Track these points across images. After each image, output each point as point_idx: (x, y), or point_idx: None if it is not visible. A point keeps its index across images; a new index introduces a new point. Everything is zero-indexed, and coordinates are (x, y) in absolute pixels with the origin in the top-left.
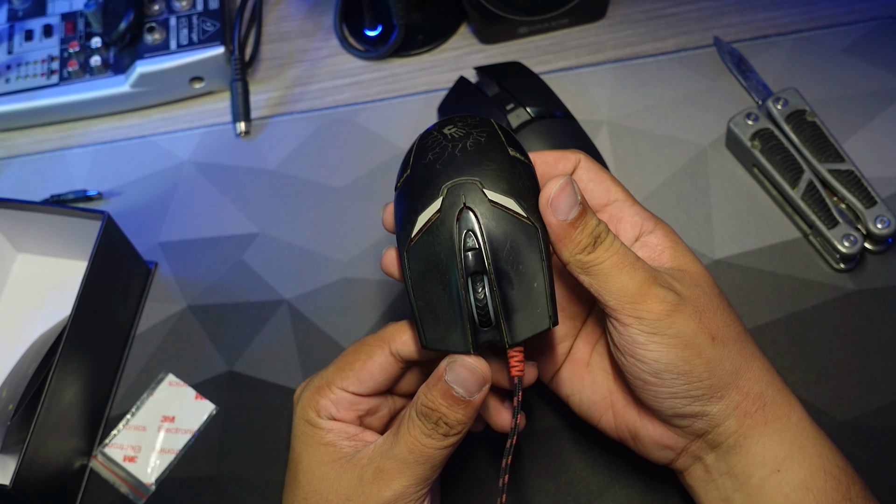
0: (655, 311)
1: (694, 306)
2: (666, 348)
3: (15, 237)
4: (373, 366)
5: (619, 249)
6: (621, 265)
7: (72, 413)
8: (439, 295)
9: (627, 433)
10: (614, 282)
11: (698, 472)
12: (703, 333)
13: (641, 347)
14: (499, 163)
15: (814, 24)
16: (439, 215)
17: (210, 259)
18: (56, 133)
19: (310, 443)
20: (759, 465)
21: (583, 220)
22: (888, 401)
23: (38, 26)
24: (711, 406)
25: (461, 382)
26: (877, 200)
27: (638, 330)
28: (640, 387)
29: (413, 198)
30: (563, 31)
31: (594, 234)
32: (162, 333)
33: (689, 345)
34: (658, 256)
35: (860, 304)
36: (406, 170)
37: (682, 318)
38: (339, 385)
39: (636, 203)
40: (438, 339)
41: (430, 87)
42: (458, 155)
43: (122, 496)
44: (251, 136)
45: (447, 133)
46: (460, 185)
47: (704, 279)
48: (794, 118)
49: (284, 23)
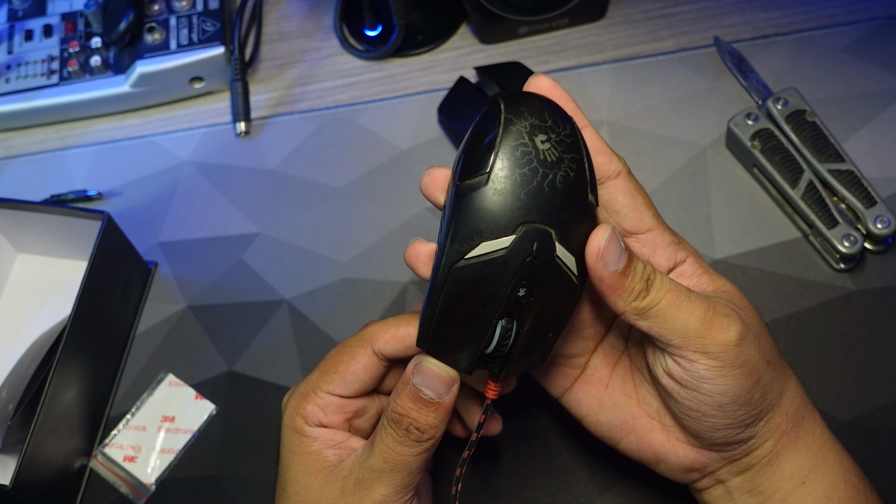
0: (724, 342)
1: (754, 331)
2: (732, 381)
3: (15, 237)
4: (357, 366)
5: (671, 287)
6: (678, 302)
7: (72, 413)
8: (465, 318)
9: (651, 457)
10: (675, 320)
11: (718, 491)
12: (763, 359)
13: (709, 382)
14: (577, 213)
15: (814, 24)
16: (504, 252)
17: (210, 259)
18: (56, 133)
19: (296, 452)
20: (785, 480)
21: (632, 267)
22: (888, 401)
23: (38, 26)
24: (757, 429)
25: (428, 384)
26: (877, 200)
27: (705, 365)
28: (696, 418)
29: (483, 216)
30: (563, 31)
31: (644, 277)
32: (162, 333)
33: (752, 372)
34: (697, 284)
35: (860, 304)
36: (483, 169)
37: (747, 345)
38: (325, 389)
39: (666, 229)
40: (441, 351)
41: (430, 87)
42: (546, 190)
43: (122, 496)
44: (251, 136)
45: (540, 149)
46: (536, 230)
47: (745, 299)
48: (794, 118)
49: (284, 23)
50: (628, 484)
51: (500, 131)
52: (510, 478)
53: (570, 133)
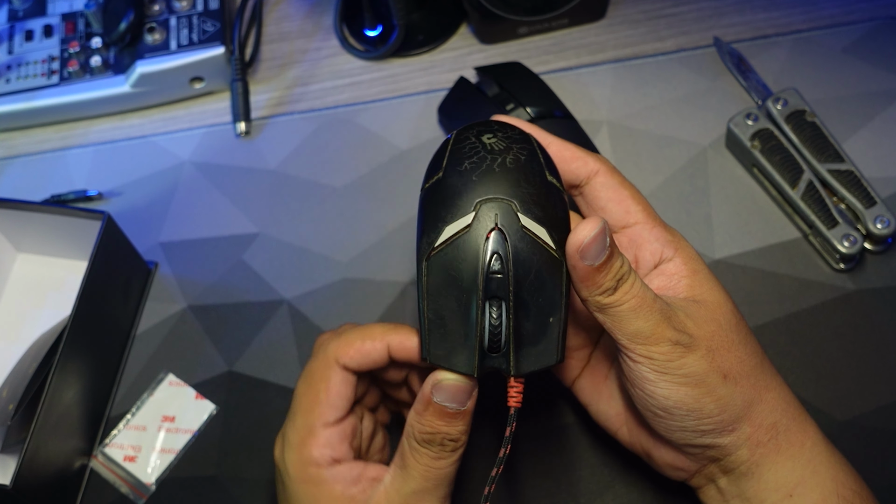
0: (666, 353)
1: (706, 346)
2: (675, 387)
3: (15, 237)
4: (335, 387)
5: (637, 291)
6: (638, 308)
7: (72, 413)
8: (452, 311)
9: (641, 451)
10: (629, 324)
11: (712, 492)
12: (715, 373)
13: (651, 384)
14: (536, 187)
15: (814, 24)
16: (468, 231)
17: (210, 259)
18: (56, 133)
19: (317, 502)
20: (771, 491)
21: (609, 264)
22: (888, 401)
23: (38, 26)
24: (722, 439)
25: (451, 398)
26: (876, 200)
27: (648, 368)
28: (650, 417)
29: (442, 204)
30: (563, 31)
31: (617, 276)
32: (162, 333)
33: (700, 384)
34: (675, 286)
35: (860, 304)
36: (438, 171)
37: (693, 359)
38: (321, 423)
39: (656, 224)
40: (443, 356)
41: (430, 87)
42: (497, 170)
43: (123, 496)
44: (251, 136)
45: (486, 143)
46: (495, 204)
47: (722, 309)
48: (793, 118)
49: (284, 23)
50: (629, 483)
51: (450, 141)
52: (511, 478)
53: (518, 133)
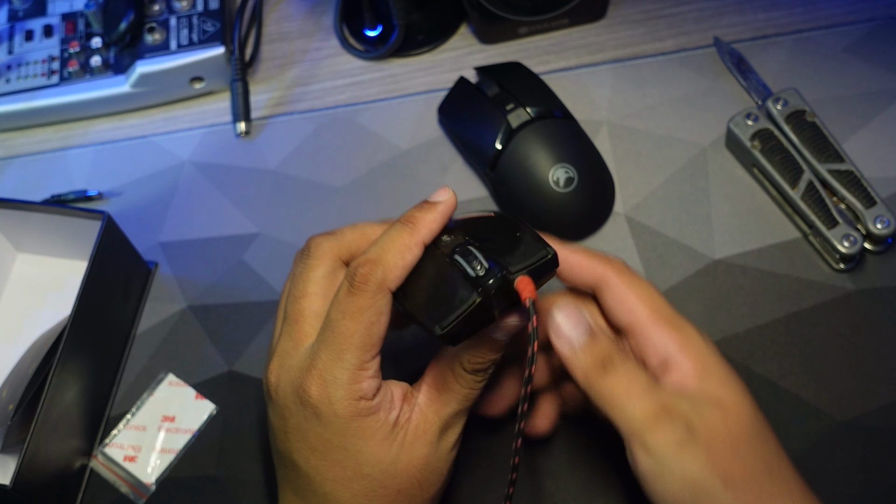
0: (663, 443)
1: (706, 442)
2: (673, 489)
3: (15, 237)
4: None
5: (629, 372)
6: (631, 391)
7: (72, 413)
8: (430, 281)
9: None
10: (623, 408)
11: None
12: (714, 476)
13: (649, 485)
14: None
15: (814, 24)
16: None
17: (210, 259)
18: (56, 133)
19: (366, 434)
20: None
21: (593, 345)
22: (888, 401)
23: (38, 26)
24: None
25: (508, 331)
26: (876, 200)
27: (647, 466)
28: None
29: None
30: (563, 31)
31: (603, 358)
32: (162, 333)
33: (698, 489)
34: (683, 380)
35: (860, 304)
36: None
37: (690, 456)
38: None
39: (658, 321)
40: (447, 313)
41: (430, 87)
42: None
43: (123, 496)
44: (251, 136)
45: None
46: None
47: (734, 407)
48: (793, 118)
49: (284, 23)
50: (628, 483)
51: None
52: None
53: None
